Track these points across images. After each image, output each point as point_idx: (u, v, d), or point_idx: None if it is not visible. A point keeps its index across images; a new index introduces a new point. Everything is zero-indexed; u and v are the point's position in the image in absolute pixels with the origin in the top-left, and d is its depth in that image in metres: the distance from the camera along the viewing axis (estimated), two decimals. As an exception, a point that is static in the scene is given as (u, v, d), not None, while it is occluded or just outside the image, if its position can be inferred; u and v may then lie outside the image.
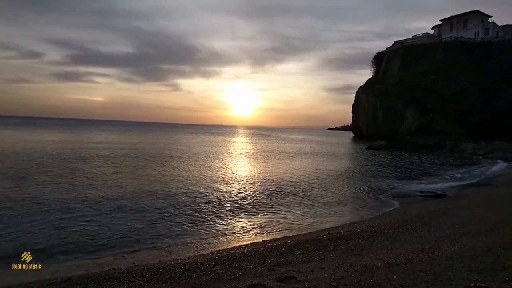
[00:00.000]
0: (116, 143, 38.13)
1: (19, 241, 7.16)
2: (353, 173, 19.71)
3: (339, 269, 5.03)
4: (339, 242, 7.02)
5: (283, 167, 21.45)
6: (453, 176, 20.23)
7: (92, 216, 9.20)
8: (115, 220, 8.95)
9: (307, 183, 15.78)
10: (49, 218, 8.77)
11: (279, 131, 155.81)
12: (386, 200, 13.02)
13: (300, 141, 61.54)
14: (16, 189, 11.80)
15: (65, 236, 7.59)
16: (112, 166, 18.67)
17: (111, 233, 7.94)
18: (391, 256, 5.69)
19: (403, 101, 54.62)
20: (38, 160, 19.43)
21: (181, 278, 5.22)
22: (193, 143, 45.21)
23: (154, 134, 69.72)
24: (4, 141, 32.15)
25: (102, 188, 12.87)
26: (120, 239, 7.58)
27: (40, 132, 52.69)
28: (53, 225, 8.25)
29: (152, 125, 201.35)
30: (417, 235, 7.58)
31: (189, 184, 14.30)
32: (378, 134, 52.84)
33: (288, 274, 4.94)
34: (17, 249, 6.68)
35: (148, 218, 9.26)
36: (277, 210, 10.78)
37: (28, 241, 7.15)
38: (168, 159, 23.75)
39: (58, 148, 27.10)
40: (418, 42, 63.01)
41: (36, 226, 8.09)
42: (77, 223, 8.53)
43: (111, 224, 8.60)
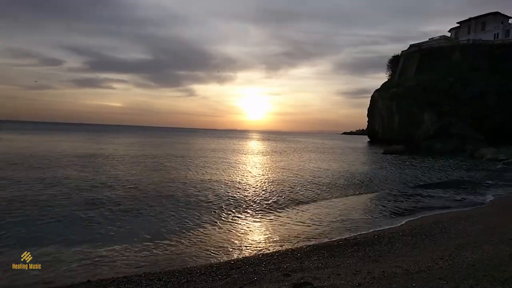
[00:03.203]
0: (135, 147, 38.78)
1: (30, 239, 7.36)
2: (369, 178, 19.43)
3: (356, 275, 4.96)
4: (355, 248, 6.92)
5: (300, 172, 21.34)
6: (480, 183, 19.63)
7: (104, 216, 9.40)
8: (129, 222, 9.10)
9: (324, 188, 15.63)
10: (62, 217, 9.01)
11: (293, 135, 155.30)
12: (404, 206, 12.78)
13: (315, 145, 61.14)
14: (29, 189, 12.15)
15: (76, 235, 7.77)
16: (130, 168, 19.00)
17: (126, 234, 8.08)
18: (410, 263, 5.58)
19: (420, 104, 53.66)
20: (60, 161, 19.98)
21: (197, 282, 5.25)
22: (216, 147, 45.55)
23: (176, 138, 70.65)
24: (21, 146, 33.17)
25: (119, 189, 13.14)
26: (135, 241, 7.68)
27: (63, 137, 54.19)
28: (69, 223, 8.46)
29: (168, 130, 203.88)
30: (436, 242, 7.41)
31: (206, 188, 14.38)
32: (394, 138, 51.96)
33: (304, 280, 4.90)
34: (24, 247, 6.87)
35: (163, 221, 9.36)
36: (292, 214, 10.72)
37: (36, 240, 7.34)
38: (188, 161, 24.00)
39: (77, 152, 27.78)
40: (435, 45, 61.93)
41: (50, 224, 8.31)
42: (91, 223, 8.72)
43: (125, 225, 8.75)
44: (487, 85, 50.05)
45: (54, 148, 32.04)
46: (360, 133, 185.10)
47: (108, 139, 56.25)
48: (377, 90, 68.73)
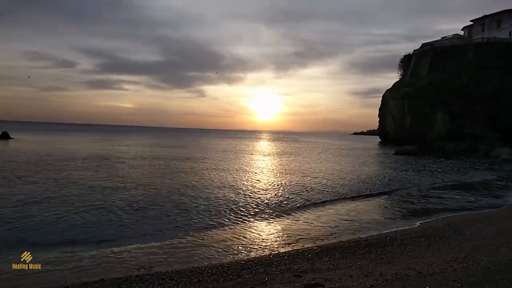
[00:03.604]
0: (150, 148, 39.23)
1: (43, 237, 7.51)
2: (381, 179, 19.22)
3: (368, 277, 4.92)
4: (367, 249, 6.86)
5: (310, 172, 21.25)
6: (495, 184, 19.25)
7: (116, 216, 9.52)
8: (141, 222, 9.20)
9: (334, 189, 15.52)
10: (74, 215, 9.17)
11: (303, 136, 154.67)
12: (416, 207, 12.61)
13: (326, 146, 60.78)
14: (40, 188, 12.40)
15: (88, 234, 7.89)
16: (142, 168, 19.23)
17: (137, 234, 8.18)
18: (423, 265, 5.51)
19: (432, 104, 52.81)
20: (74, 162, 20.34)
21: (208, 282, 5.28)
22: (228, 148, 45.73)
23: (188, 139, 71.18)
24: (37, 146, 33.86)
25: (132, 190, 13.31)
26: (146, 240, 7.77)
27: (77, 138, 55.16)
28: (77, 223, 8.60)
29: (180, 130, 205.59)
30: (449, 244, 7.28)
31: (217, 189, 14.44)
32: (406, 139, 51.25)
33: (315, 281, 4.88)
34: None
35: (174, 221, 9.43)
36: (302, 215, 10.68)
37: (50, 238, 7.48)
38: (200, 162, 24.15)
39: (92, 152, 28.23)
40: (448, 43, 60.86)
41: (63, 222, 8.46)
42: (103, 222, 8.85)
43: (137, 225, 8.85)
44: (501, 83, 48.97)
45: (68, 148, 32.67)
46: (371, 133, 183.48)
47: (120, 140, 56.99)
48: (388, 90, 67.97)
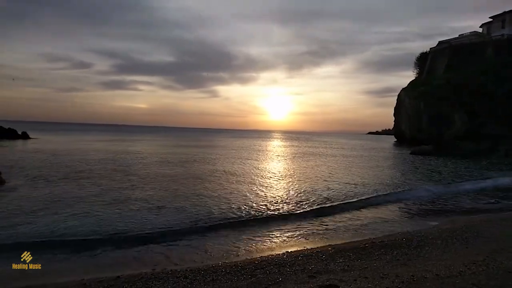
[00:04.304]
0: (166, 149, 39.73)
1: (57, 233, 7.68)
2: (396, 179, 18.92)
3: (383, 279, 4.84)
4: (383, 251, 6.75)
5: (328, 172, 21.10)
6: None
7: (131, 213, 9.69)
8: (155, 219, 9.33)
9: (349, 189, 15.37)
10: (92, 213, 9.35)
11: (317, 135, 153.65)
12: (433, 208, 12.36)
13: (340, 146, 60.20)
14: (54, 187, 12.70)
15: (104, 230, 8.04)
16: (159, 166, 19.48)
17: (152, 231, 8.29)
18: (440, 268, 5.39)
19: (450, 103, 51.63)
20: (91, 161, 20.77)
21: (222, 281, 5.30)
22: (244, 146, 45.90)
23: (202, 139, 71.79)
24: (56, 146, 34.69)
25: (148, 187, 13.54)
26: (161, 238, 7.86)
27: (94, 137, 56.32)
28: (94, 220, 8.77)
29: (193, 130, 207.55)
30: (468, 246, 7.10)
31: (233, 187, 14.50)
32: (422, 139, 50.30)
33: (330, 282, 4.84)
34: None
35: (188, 218, 9.52)
36: (316, 215, 10.62)
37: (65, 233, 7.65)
38: (216, 162, 24.31)
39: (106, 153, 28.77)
40: (466, 41, 59.39)
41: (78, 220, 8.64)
42: (119, 219, 9.01)
43: (152, 222, 8.98)
44: (523, 83, 47.52)
45: (86, 147, 33.39)
46: (385, 133, 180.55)
47: (136, 139, 57.90)
48: (404, 89, 66.82)
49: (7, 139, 40.92)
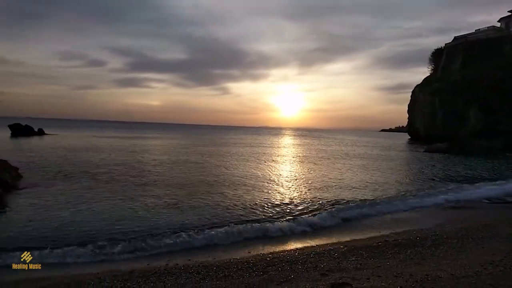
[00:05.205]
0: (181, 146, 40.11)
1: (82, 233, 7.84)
2: (410, 178, 18.68)
3: (397, 278, 4.78)
4: (396, 250, 6.67)
5: (340, 171, 20.97)
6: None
7: (145, 209, 9.86)
8: (168, 215, 9.49)
9: (362, 187, 15.24)
10: (108, 209, 9.52)
11: (329, 133, 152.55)
12: (447, 207, 12.15)
13: (353, 143, 59.67)
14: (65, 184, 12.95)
15: (118, 226, 8.17)
16: (173, 164, 19.68)
17: (166, 227, 8.41)
18: (455, 267, 5.29)
19: (465, 100, 50.46)
20: (106, 158, 21.13)
21: (235, 278, 5.33)
22: (258, 143, 46.01)
23: (215, 136, 72.24)
24: (72, 142, 35.39)
25: (164, 184, 13.76)
26: (174, 234, 7.94)
27: (109, 133, 57.27)
28: (109, 216, 8.92)
29: (206, 127, 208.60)
30: (484, 245, 6.95)
31: (247, 186, 14.56)
32: (437, 136, 49.35)
33: (342, 280, 4.81)
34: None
35: (200, 215, 9.61)
36: (329, 213, 10.55)
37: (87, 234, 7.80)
38: (231, 160, 24.43)
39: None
40: (483, 36, 57.83)
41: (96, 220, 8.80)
42: (133, 215, 9.15)
43: (166, 218, 9.11)
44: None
45: (100, 144, 33.98)
46: (399, 130, 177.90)
47: (149, 136, 58.60)
48: (418, 85, 65.69)
49: (24, 136, 42.00)
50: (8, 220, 8.84)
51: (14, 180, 12.75)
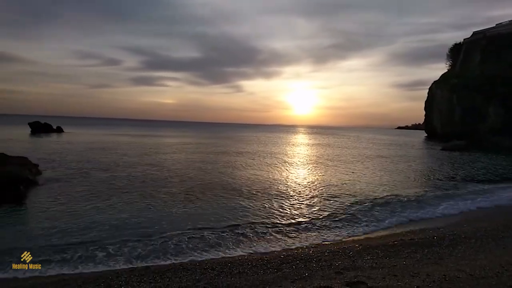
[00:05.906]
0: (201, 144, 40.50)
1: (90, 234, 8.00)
2: (427, 176, 18.33)
3: (414, 278, 4.71)
4: (413, 249, 6.57)
5: (356, 171, 20.77)
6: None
7: (160, 206, 9.97)
8: (183, 212, 9.59)
9: (378, 186, 15.05)
10: (127, 206, 9.69)
11: (344, 130, 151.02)
12: (466, 206, 11.86)
13: (370, 141, 58.92)
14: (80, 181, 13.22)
15: (132, 223, 8.30)
16: (189, 161, 19.90)
17: (180, 223, 8.51)
18: (474, 268, 5.17)
19: (484, 96, 49.11)
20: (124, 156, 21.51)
21: (249, 274, 5.35)
22: (273, 141, 46.05)
23: (229, 134, 72.58)
24: (89, 139, 36.15)
25: (179, 181, 13.89)
26: (188, 230, 8.02)
27: (125, 131, 58.26)
28: (128, 213, 9.07)
29: (220, 125, 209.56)
30: (504, 246, 6.77)
31: (262, 184, 14.59)
32: (455, 133, 48.15)
33: (357, 279, 4.76)
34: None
35: (214, 212, 9.68)
36: (343, 211, 10.49)
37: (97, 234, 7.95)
38: (245, 158, 24.54)
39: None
40: (503, 31, 56.05)
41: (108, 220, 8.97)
42: (151, 211, 9.28)
43: (183, 215, 9.20)
44: None
45: (118, 141, 34.60)
46: (415, 127, 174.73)
47: (164, 134, 59.29)
48: (435, 82, 64.31)
49: (44, 133, 43.19)
50: (30, 217, 9.10)
51: (34, 176, 13.10)
